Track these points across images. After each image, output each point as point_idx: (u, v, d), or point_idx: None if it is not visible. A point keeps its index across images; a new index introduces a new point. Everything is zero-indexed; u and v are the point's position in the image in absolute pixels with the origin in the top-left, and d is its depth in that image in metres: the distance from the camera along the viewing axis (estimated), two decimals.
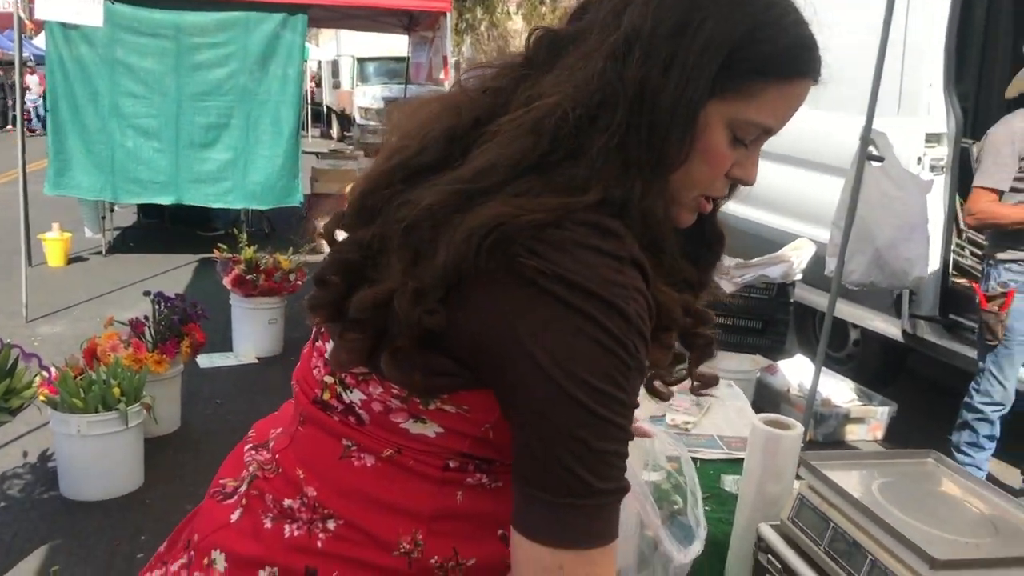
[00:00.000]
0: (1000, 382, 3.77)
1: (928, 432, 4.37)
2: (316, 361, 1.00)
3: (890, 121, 4.44)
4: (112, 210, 8.31)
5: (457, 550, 0.93)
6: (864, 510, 1.39)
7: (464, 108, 0.94)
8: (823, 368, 5.17)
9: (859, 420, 4.67)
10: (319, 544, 0.93)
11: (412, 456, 0.93)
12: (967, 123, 4.70)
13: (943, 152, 4.54)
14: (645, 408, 2.34)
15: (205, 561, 0.97)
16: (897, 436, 4.65)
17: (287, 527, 0.95)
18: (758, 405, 4.87)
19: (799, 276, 4.67)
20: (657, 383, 1.05)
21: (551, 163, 0.88)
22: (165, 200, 7.06)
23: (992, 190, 3.62)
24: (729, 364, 4.72)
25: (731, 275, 4.69)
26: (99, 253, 8.15)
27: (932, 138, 4.54)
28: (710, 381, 1.11)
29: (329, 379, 0.97)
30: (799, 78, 0.94)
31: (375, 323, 0.89)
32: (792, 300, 4.74)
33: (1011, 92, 3.81)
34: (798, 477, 1.65)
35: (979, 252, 4.41)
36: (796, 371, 4.98)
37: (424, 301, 0.85)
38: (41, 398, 3.40)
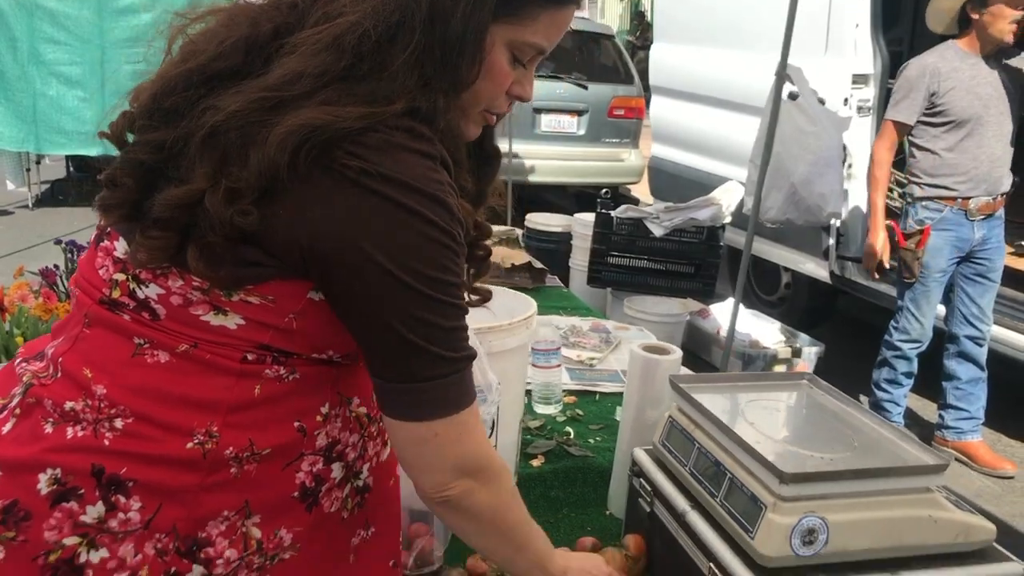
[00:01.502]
0: (917, 319, 3.82)
1: (855, 371, 4.43)
2: (103, 261, 0.98)
3: (816, 61, 4.43)
4: (39, 162, 8.04)
5: (253, 441, 0.94)
6: (724, 429, 1.38)
7: (261, 19, 0.96)
8: (754, 311, 5.23)
9: (786, 361, 4.72)
10: (106, 443, 0.91)
11: (209, 350, 0.92)
12: (899, 64, 4.72)
13: (870, 93, 4.55)
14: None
15: None
16: (824, 376, 4.70)
17: (70, 429, 0.92)
18: (689, 348, 4.92)
19: (728, 219, 4.67)
20: None
21: (356, 76, 0.93)
22: (92, 152, 6.85)
23: (900, 123, 3.64)
24: (660, 308, 4.73)
25: (661, 219, 4.68)
26: (25, 207, 7.90)
27: (859, 79, 4.54)
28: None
29: (120, 276, 0.95)
30: (568, 4, 1.03)
31: (180, 222, 0.90)
32: (722, 243, 4.74)
33: (934, 26, 3.80)
34: None
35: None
36: (727, 314, 5.01)
37: (238, 202, 0.88)
38: None
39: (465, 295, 0.99)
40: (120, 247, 0.96)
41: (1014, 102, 3.60)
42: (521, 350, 1.68)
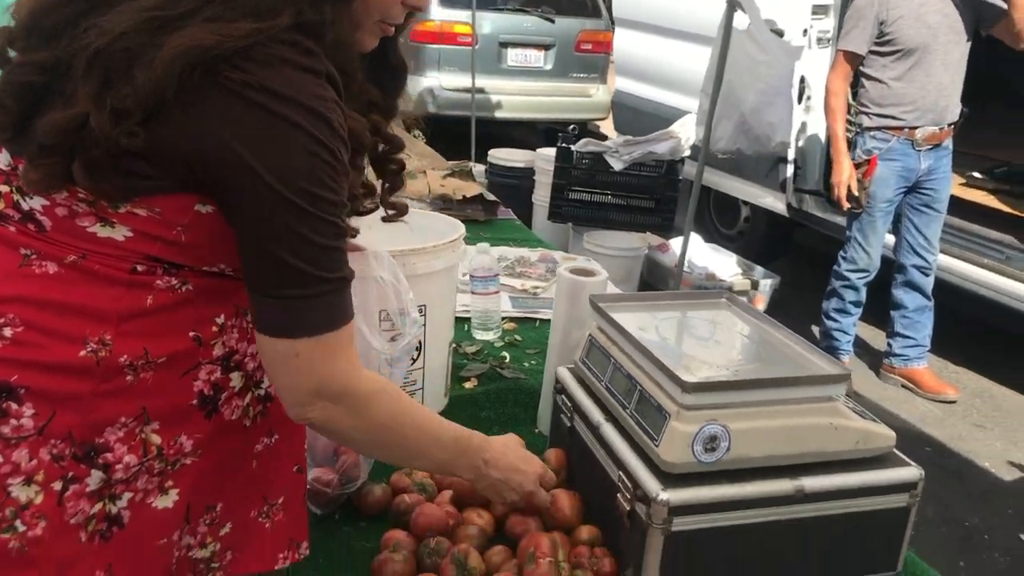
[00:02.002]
0: (864, 250, 3.88)
1: (811, 303, 4.50)
2: None
3: None
4: None
5: (148, 350, 0.95)
6: (636, 344, 1.41)
7: None
8: (713, 245, 5.28)
9: (742, 293, 4.78)
10: None
11: (98, 261, 0.93)
12: None
13: (830, 24, 4.52)
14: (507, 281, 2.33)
15: None
16: (779, 307, 4.78)
17: None
18: (648, 282, 4.97)
19: (687, 152, 4.67)
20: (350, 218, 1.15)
21: None
22: None
23: (851, 53, 3.64)
24: (619, 242, 4.76)
25: (620, 152, 4.68)
26: None
27: (819, 9, 4.51)
28: (402, 209, 1.21)
29: (3, 188, 0.95)
30: None
31: (67, 145, 0.89)
32: (681, 177, 4.76)
33: None
34: None
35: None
36: (687, 249, 5.05)
37: (124, 122, 0.87)
38: None
39: (345, 217, 0.98)
40: (3, 159, 0.95)
41: (964, 31, 3.60)
42: (447, 273, 1.70)
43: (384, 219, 1.24)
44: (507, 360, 2.05)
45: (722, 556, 1.32)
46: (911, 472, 1.39)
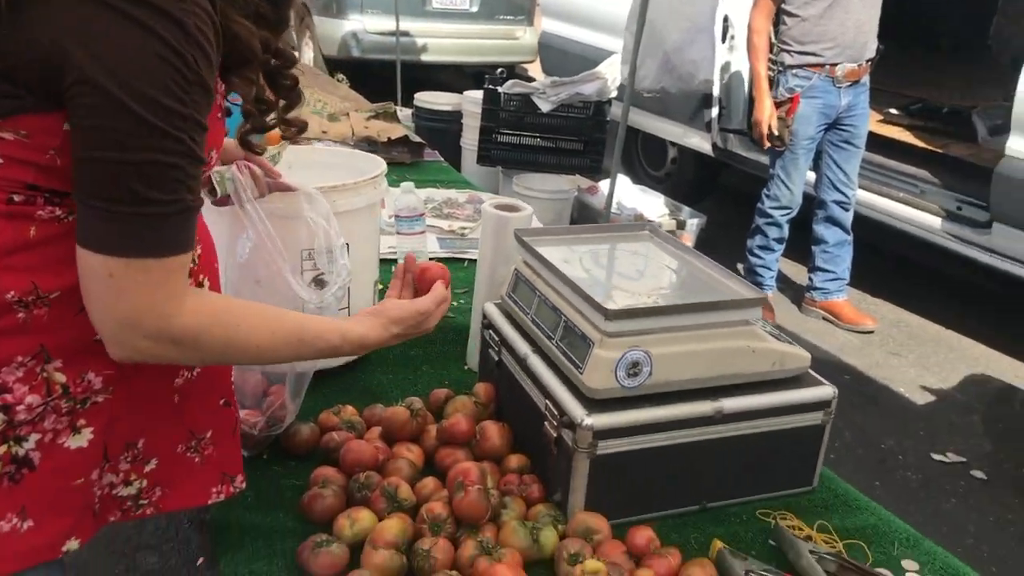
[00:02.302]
0: (787, 186, 3.96)
1: (736, 241, 4.57)
2: None
3: None
4: None
5: (36, 284, 0.91)
6: (560, 276, 1.43)
7: None
8: (641, 186, 5.32)
9: (669, 233, 4.85)
10: None
11: None
12: None
13: None
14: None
15: None
16: (706, 246, 4.87)
17: None
18: (578, 224, 5.00)
19: (614, 93, 4.67)
20: (251, 136, 1.13)
21: None
22: None
23: None
24: (549, 185, 4.76)
25: (547, 94, 4.66)
26: None
27: None
28: (300, 126, 1.17)
29: None
30: None
31: None
32: (608, 118, 4.76)
33: None
34: None
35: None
36: (616, 191, 5.08)
37: None
38: None
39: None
40: None
41: None
42: (369, 210, 1.68)
43: (284, 137, 1.21)
44: None
45: (646, 477, 1.36)
46: (825, 391, 1.45)
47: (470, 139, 4.94)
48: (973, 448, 3.19)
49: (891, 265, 4.90)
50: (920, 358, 3.90)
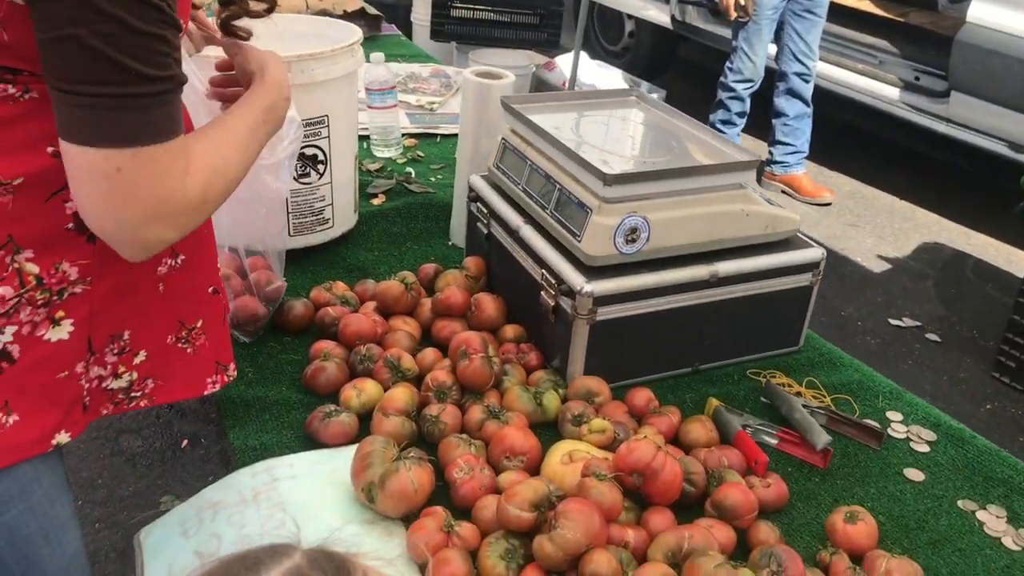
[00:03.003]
0: (750, 58, 3.92)
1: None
2: None
3: None
4: None
5: None
6: (554, 143, 1.40)
7: None
8: (598, 61, 5.21)
9: None
10: None
11: None
12: None
13: None
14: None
15: None
16: None
17: None
18: None
19: None
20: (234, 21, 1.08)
21: None
22: None
23: None
24: (505, 60, 4.64)
25: None
26: None
27: None
28: (271, 4, 1.12)
29: None
30: None
31: None
32: None
33: None
34: None
35: None
36: (572, 64, 4.98)
37: None
38: None
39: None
40: None
41: None
42: (348, 80, 1.61)
43: (251, 14, 1.12)
44: (413, 175, 2.01)
45: (642, 341, 1.38)
46: (814, 253, 1.47)
47: (421, 13, 4.76)
48: (927, 312, 3.30)
49: (847, 137, 4.94)
50: (876, 228, 3.99)
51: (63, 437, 0.98)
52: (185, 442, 2.35)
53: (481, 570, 1.02)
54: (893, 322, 3.22)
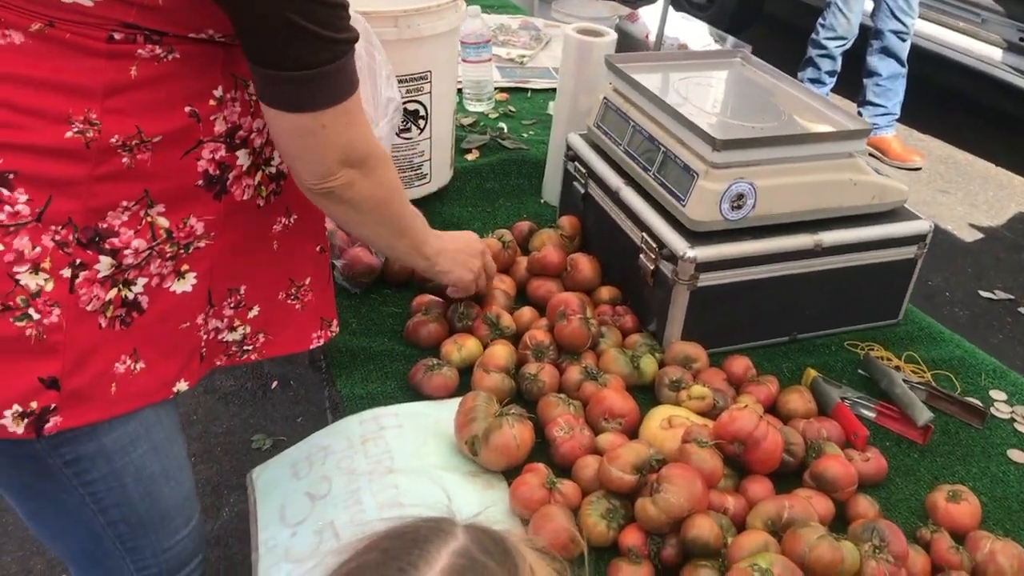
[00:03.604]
0: (844, 15, 3.79)
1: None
2: None
3: None
4: None
5: (140, 128, 0.88)
6: (660, 104, 1.39)
7: None
8: (683, 14, 5.09)
9: None
10: None
11: (68, 29, 0.84)
12: None
13: None
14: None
15: None
16: None
17: None
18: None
19: None
20: None
21: None
22: None
23: None
24: (588, 11, 4.56)
25: None
26: None
27: None
28: None
29: None
30: None
31: None
32: None
33: None
34: None
35: None
36: (656, 18, 4.87)
37: None
38: None
39: None
40: None
41: None
42: (451, 36, 1.62)
43: None
44: (506, 131, 2.01)
45: (741, 309, 1.37)
46: (921, 225, 1.43)
47: None
48: (1021, 285, 3.20)
49: (939, 99, 4.75)
50: (968, 195, 3.85)
51: (182, 385, 1.03)
52: (275, 384, 2.43)
53: (582, 528, 1.04)
54: (984, 294, 3.13)
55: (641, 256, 1.38)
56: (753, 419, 1.11)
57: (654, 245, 1.35)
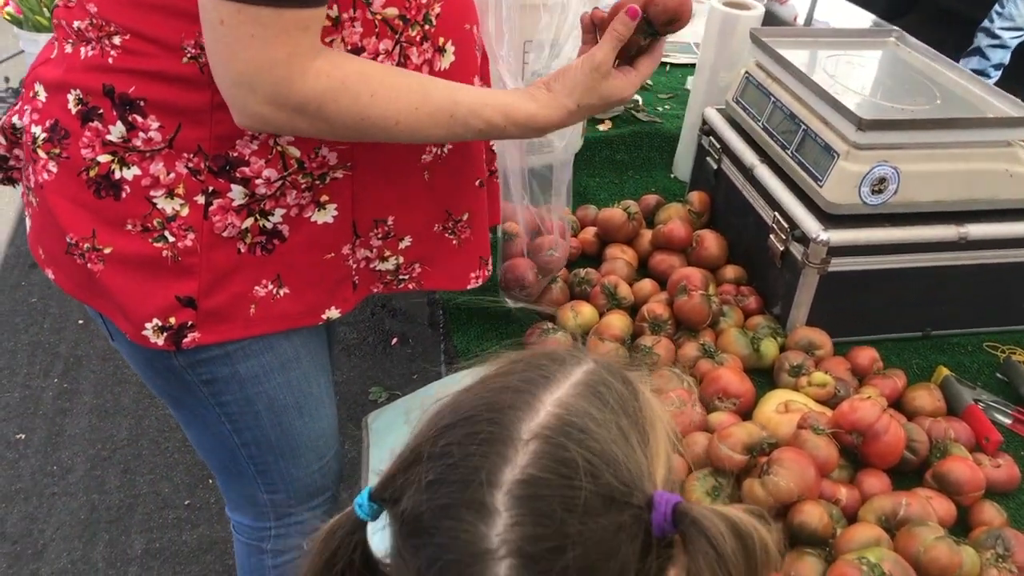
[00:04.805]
0: None
1: None
2: None
3: None
4: None
5: None
6: (804, 79, 1.34)
7: None
8: None
9: None
10: (110, 61, 0.89)
11: None
12: None
13: None
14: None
15: (31, 94, 0.97)
16: None
17: (83, 49, 0.91)
18: None
19: None
20: None
21: None
22: None
23: None
24: None
25: None
26: None
27: None
28: None
29: None
30: None
31: None
32: None
33: None
34: None
35: None
36: (807, 1, 4.69)
37: None
38: (4, 17, 3.28)
39: None
40: None
41: None
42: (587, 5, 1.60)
43: None
44: (640, 104, 1.98)
45: (873, 298, 1.32)
46: None
47: None
48: None
49: None
50: None
51: (333, 312, 1.05)
52: (395, 340, 2.50)
53: None
54: None
55: (771, 236, 1.34)
56: (875, 410, 1.07)
57: (785, 226, 1.30)
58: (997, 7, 3.64)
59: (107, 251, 0.94)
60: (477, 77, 1.08)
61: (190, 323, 0.96)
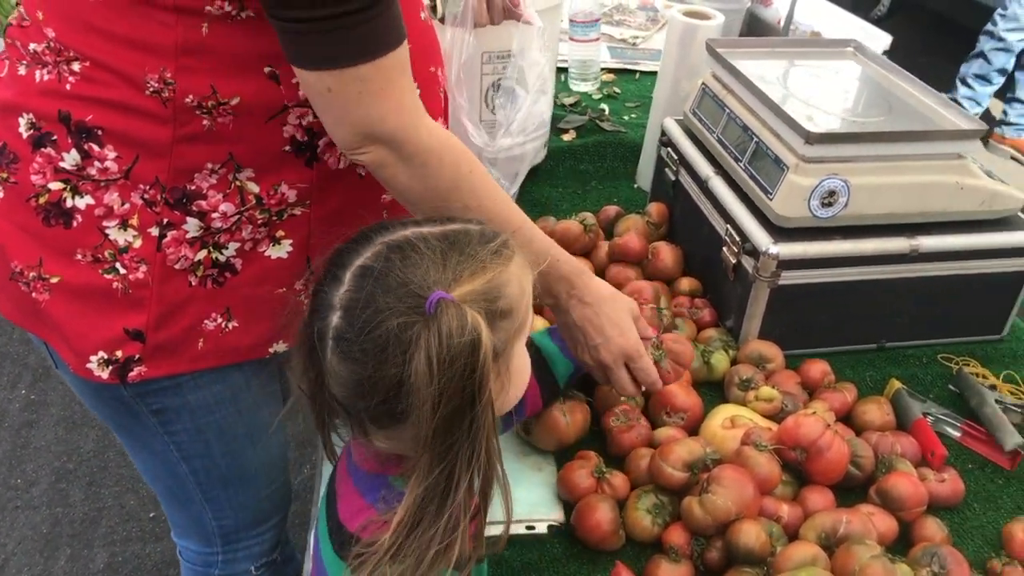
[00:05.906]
0: None
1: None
2: None
3: None
4: None
5: (215, 88, 0.87)
6: (756, 92, 1.33)
7: None
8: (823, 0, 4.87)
9: None
10: (68, 87, 0.88)
11: None
12: None
13: None
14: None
15: None
16: None
17: (38, 72, 0.90)
18: None
19: None
20: None
21: None
22: None
23: None
24: None
25: None
26: None
27: None
28: None
29: None
30: None
31: None
32: None
33: None
34: None
35: None
36: (790, 2, 4.68)
37: None
38: None
39: None
40: None
41: None
42: (552, 13, 1.60)
43: None
44: (606, 112, 1.98)
45: (825, 311, 1.31)
46: None
47: None
48: None
49: None
50: None
51: (281, 347, 1.05)
52: None
53: (627, 520, 1.02)
54: None
55: (724, 249, 1.33)
56: (819, 426, 1.06)
57: (737, 239, 1.30)
58: (1000, 9, 3.61)
59: (54, 280, 0.94)
60: (441, 118, 1.08)
61: (137, 356, 0.95)
